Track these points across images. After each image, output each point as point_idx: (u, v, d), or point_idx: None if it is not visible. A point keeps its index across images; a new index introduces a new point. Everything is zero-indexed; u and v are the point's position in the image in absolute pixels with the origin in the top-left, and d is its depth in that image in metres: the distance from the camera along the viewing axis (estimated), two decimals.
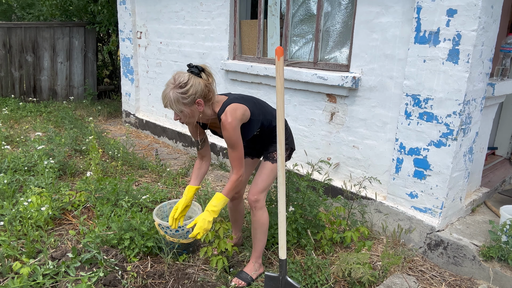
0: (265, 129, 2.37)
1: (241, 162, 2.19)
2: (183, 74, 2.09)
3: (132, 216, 2.98)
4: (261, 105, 2.37)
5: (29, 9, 9.34)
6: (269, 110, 2.40)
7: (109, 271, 2.46)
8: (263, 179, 2.39)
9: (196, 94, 2.07)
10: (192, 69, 2.11)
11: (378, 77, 3.08)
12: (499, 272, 2.52)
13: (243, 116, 2.17)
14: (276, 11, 4.00)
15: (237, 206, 2.73)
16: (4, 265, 2.46)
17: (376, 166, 3.21)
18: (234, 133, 2.12)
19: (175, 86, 2.07)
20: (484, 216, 3.11)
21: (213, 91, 2.16)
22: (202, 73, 2.12)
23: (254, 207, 2.41)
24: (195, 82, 2.07)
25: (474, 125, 2.81)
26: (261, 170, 2.42)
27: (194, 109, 2.12)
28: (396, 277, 2.49)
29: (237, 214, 2.76)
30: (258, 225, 2.44)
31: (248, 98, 2.31)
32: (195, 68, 2.11)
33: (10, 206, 3.05)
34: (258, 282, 2.49)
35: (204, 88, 2.10)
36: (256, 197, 2.39)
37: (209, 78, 2.14)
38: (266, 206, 2.96)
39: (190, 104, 2.09)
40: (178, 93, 2.06)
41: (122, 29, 6.09)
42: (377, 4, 2.99)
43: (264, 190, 2.41)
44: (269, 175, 2.39)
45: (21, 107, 6.63)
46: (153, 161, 4.64)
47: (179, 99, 2.06)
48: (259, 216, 2.42)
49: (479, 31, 2.49)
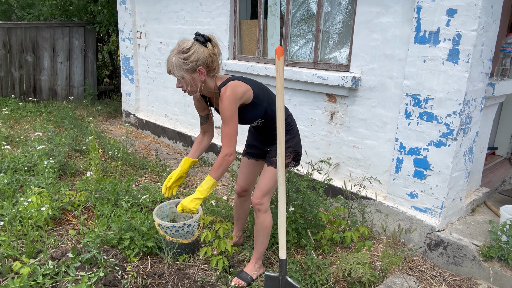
0: (269, 120, 2.34)
1: (231, 139, 2.11)
2: (188, 41, 2.09)
3: (132, 216, 2.98)
4: (268, 93, 2.32)
5: (29, 9, 9.35)
6: (274, 101, 2.32)
7: (109, 271, 2.46)
8: (266, 183, 2.39)
9: (198, 61, 2.06)
10: (198, 37, 2.10)
11: (378, 77, 3.08)
12: (499, 272, 2.52)
13: (244, 95, 2.13)
14: (276, 11, 4.00)
15: (243, 203, 2.72)
16: (4, 265, 2.46)
17: (376, 166, 3.21)
18: (229, 106, 2.07)
19: (178, 52, 2.06)
20: (484, 216, 3.11)
21: (217, 62, 2.14)
22: (208, 42, 2.11)
23: (258, 210, 2.41)
24: (199, 49, 2.06)
25: (474, 125, 2.81)
26: (264, 174, 2.42)
27: (195, 77, 2.10)
28: (396, 277, 2.49)
29: (241, 211, 2.76)
30: (261, 228, 2.44)
31: (256, 82, 2.29)
32: (201, 37, 2.10)
33: (10, 206, 3.05)
34: (258, 282, 2.49)
35: (208, 57, 2.08)
36: (260, 200, 2.39)
37: (215, 48, 2.13)
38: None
39: (191, 70, 2.07)
40: (180, 59, 2.05)
41: (122, 29, 6.09)
42: (377, 4, 2.99)
43: (267, 193, 2.40)
44: (272, 179, 2.38)
45: (21, 107, 6.63)
46: (153, 161, 4.64)
47: (180, 65, 2.06)
48: (262, 219, 2.42)
49: (479, 31, 2.49)
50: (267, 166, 2.42)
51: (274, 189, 2.45)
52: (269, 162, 2.42)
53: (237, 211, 2.77)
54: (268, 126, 2.39)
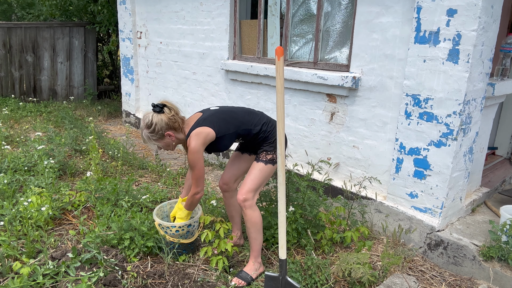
0: (246, 136, 2.51)
1: (199, 181, 2.38)
2: (148, 115, 2.39)
3: (132, 216, 2.98)
4: (235, 119, 2.48)
5: (29, 9, 9.35)
6: (247, 120, 2.50)
7: (109, 271, 2.46)
8: (251, 178, 2.45)
9: (163, 129, 2.37)
10: (154, 109, 2.39)
11: (378, 77, 3.08)
12: (499, 272, 2.52)
13: (205, 139, 2.35)
14: (276, 11, 4.00)
15: (229, 200, 2.75)
16: (4, 265, 2.46)
17: (376, 166, 3.21)
18: (194, 156, 2.31)
19: (145, 127, 2.39)
20: (484, 216, 3.11)
21: (178, 121, 2.42)
22: (164, 108, 2.39)
23: (243, 206, 2.44)
24: (158, 119, 2.35)
25: (474, 125, 2.81)
26: (250, 171, 2.49)
27: (167, 141, 2.43)
28: (396, 277, 2.49)
29: (231, 208, 2.78)
30: (250, 224, 2.47)
31: (220, 116, 2.46)
32: (156, 107, 2.38)
33: (10, 206, 3.05)
34: (258, 282, 2.49)
35: (168, 121, 2.37)
36: (245, 196, 2.43)
37: (171, 111, 2.40)
38: (265, 206, 2.97)
39: (161, 138, 2.40)
40: (148, 133, 2.39)
41: (122, 29, 6.09)
42: (377, 4, 2.99)
43: (252, 189, 2.44)
44: (258, 175, 2.46)
45: (21, 107, 6.64)
46: (153, 161, 4.64)
47: (150, 137, 2.40)
48: (249, 215, 2.45)
49: (479, 31, 2.49)
50: (256, 162, 2.50)
51: (262, 186, 2.53)
52: (257, 158, 2.51)
53: (228, 209, 2.81)
54: (249, 140, 2.55)
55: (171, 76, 5.32)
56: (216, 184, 4.10)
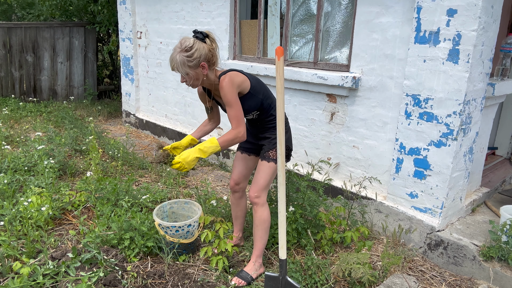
0: (264, 113, 2.44)
1: (240, 120, 2.23)
2: (189, 39, 2.23)
3: (132, 216, 2.98)
4: (264, 87, 2.46)
5: (29, 9, 9.34)
6: (270, 95, 2.48)
7: (109, 271, 2.46)
8: (261, 176, 2.45)
9: (201, 58, 2.21)
10: (197, 35, 2.24)
11: (378, 77, 3.08)
12: (499, 272, 2.52)
13: (241, 84, 2.27)
14: (276, 11, 4.00)
15: (239, 200, 2.74)
16: (4, 265, 2.46)
17: (376, 166, 3.21)
18: (229, 90, 2.20)
19: (182, 50, 2.20)
20: (484, 216, 3.11)
21: (216, 56, 2.29)
22: (207, 38, 2.25)
23: (255, 203, 2.44)
24: (200, 46, 2.20)
25: (474, 125, 2.81)
26: (259, 169, 2.48)
27: (198, 72, 2.25)
28: (396, 277, 2.49)
29: (238, 209, 2.77)
30: (259, 222, 2.47)
31: (253, 75, 2.44)
32: (200, 34, 2.24)
33: (10, 206, 3.05)
34: (258, 282, 2.49)
35: (208, 52, 2.23)
36: (257, 194, 2.43)
37: (213, 43, 2.28)
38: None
39: (195, 67, 2.22)
40: (184, 56, 2.19)
41: (122, 29, 6.09)
42: (377, 4, 2.99)
43: (264, 187, 2.45)
44: (268, 172, 2.45)
45: (21, 107, 6.63)
46: (153, 161, 4.63)
47: (185, 62, 2.19)
48: (260, 212, 2.45)
49: (479, 31, 2.49)
50: (261, 160, 2.48)
51: (271, 183, 2.52)
52: (263, 156, 2.49)
53: (234, 209, 2.79)
54: (262, 119, 2.48)
55: (171, 76, 5.32)
56: (216, 184, 4.10)
